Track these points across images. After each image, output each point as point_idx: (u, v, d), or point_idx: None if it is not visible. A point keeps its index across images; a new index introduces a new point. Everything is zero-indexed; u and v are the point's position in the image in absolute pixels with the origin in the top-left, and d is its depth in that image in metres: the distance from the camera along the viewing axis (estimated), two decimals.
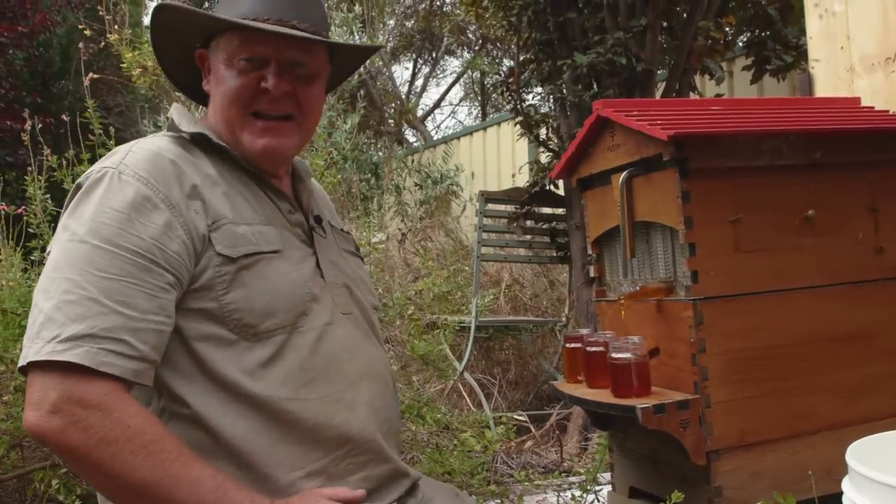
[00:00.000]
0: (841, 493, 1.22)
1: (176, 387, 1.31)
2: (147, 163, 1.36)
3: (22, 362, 1.21)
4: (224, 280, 1.34)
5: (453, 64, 16.00)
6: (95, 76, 3.27)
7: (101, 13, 3.81)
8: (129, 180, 1.32)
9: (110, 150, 2.99)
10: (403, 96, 12.74)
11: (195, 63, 1.56)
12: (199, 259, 1.34)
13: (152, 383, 1.27)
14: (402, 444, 1.64)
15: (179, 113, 1.51)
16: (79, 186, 1.37)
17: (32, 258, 2.92)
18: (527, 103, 4.53)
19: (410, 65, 15.07)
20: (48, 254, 1.36)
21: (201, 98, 1.63)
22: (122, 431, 1.18)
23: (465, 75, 15.11)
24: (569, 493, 2.84)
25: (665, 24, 4.05)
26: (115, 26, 3.66)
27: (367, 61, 1.65)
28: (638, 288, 1.83)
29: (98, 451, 1.17)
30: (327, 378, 1.41)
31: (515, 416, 3.96)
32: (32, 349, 1.20)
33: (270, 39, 1.45)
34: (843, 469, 1.25)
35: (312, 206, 1.60)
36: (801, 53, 4.25)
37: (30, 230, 3.03)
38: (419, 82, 14.84)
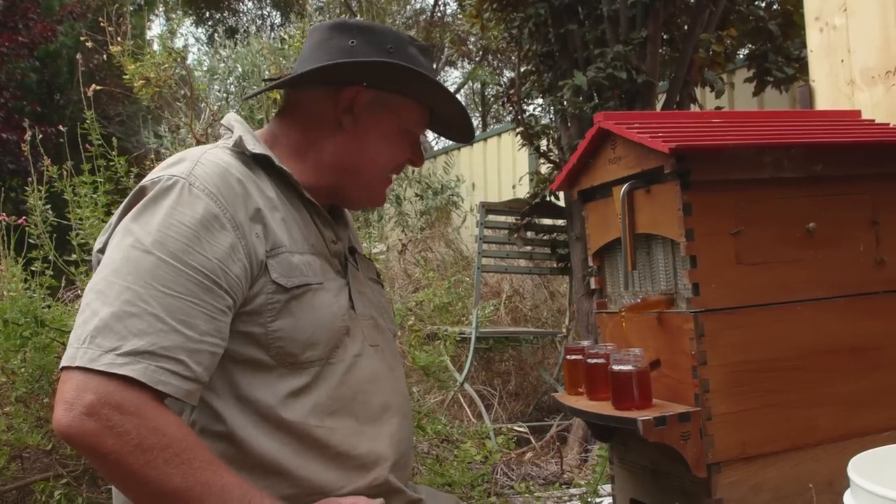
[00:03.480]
0: None
1: (211, 403, 1.31)
2: (217, 178, 1.34)
3: (69, 363, 1.19)
4: (274, 308, 1.34)
5: (454, 75, 16.04)
6: (98, 87, 3.28)
7: (102, 24, 3.82)
8: (199, 195, 1.30)
9: (110, 159, 3.02)
10: None
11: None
12: (254, 283, 1.33)
13: (197, 403, 1.28)
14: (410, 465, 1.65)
15: (244, 128, 1.48)
16: (142, 189, 1.34)
17: (33, 269, 2.92)
18: (527, 114, 4.53)
19: None
20: (97, 251, 1.35)
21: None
22: (158, 440, 1.17)
23: (466, 86, 15.14)
24: None
25: (666, 36, 4.06)
26: (119, 38, 3.67)
27: None
28: (639, 300, 1.83)
29: (132, 458, 1.15)
30: (352, 409, 1.41)
31: (516, 428, 3.96)
32: (87, 355, 1.18)
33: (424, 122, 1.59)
34: (844, 482, 1.25)
35: (349, 236, 1.62)
36: (802, 66, 4.27)
37: (30, 241, 3.03)
38: None
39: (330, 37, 1.52)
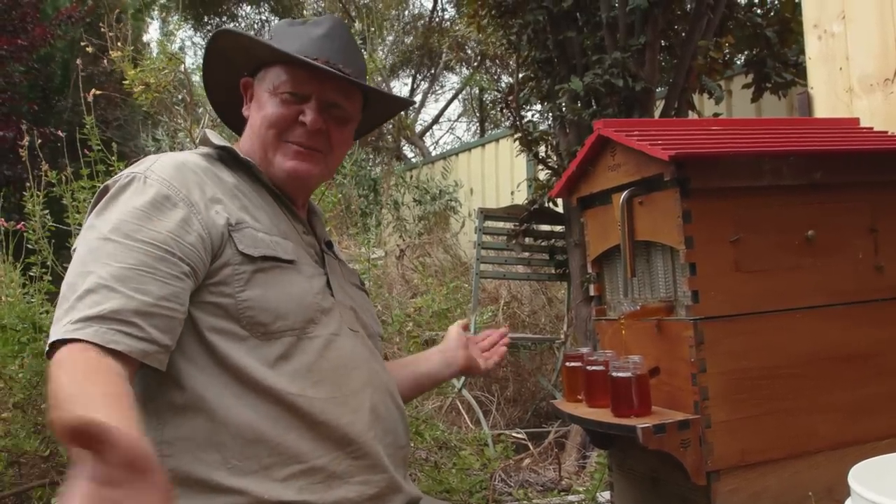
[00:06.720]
0: None
1: (181, 373, 1.35)
2: (172, 169, 1.43)
3: (46, 347, 1.26)
4: (241, 278, 1.39)
5: (452, 80, 16.06)
6: (98, 92, 3.28)
7: (102, 30, 3.82)
8: (152, 184, 1.39)
9: (109, 164, 3.02)
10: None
11: (237, 90, 1.66)
12: (219, 255, 1.39)
13: (165, 368, 1.30)
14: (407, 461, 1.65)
15: (211, 133, 1.60)
16: (106, 188, 1.43)
17: (31, 274, 2.91)
18: (526, 120, 4.53)
19: (409, 80, 15.14)
20: (74, 250, 1.41)
21: (235, 125, 1.75)
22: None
23: (464, 91, 15.16)
24: None
25: (664, 43, 4.06)
26: (119, 43, 3.67)
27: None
28: (638, 307, 1.83)
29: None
30: (333, 382, 1.45)
31: (514, 434, 3.95)
32: (54, 333, 1.24)
33: (315, 80, 1.55)
34: (843, 489, 1.25)
35: (325, 235, 1.69)
36: (799, 71, 4.28)
37: (28, 246, 3.02)
38: (418, 98, 14.89)
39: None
